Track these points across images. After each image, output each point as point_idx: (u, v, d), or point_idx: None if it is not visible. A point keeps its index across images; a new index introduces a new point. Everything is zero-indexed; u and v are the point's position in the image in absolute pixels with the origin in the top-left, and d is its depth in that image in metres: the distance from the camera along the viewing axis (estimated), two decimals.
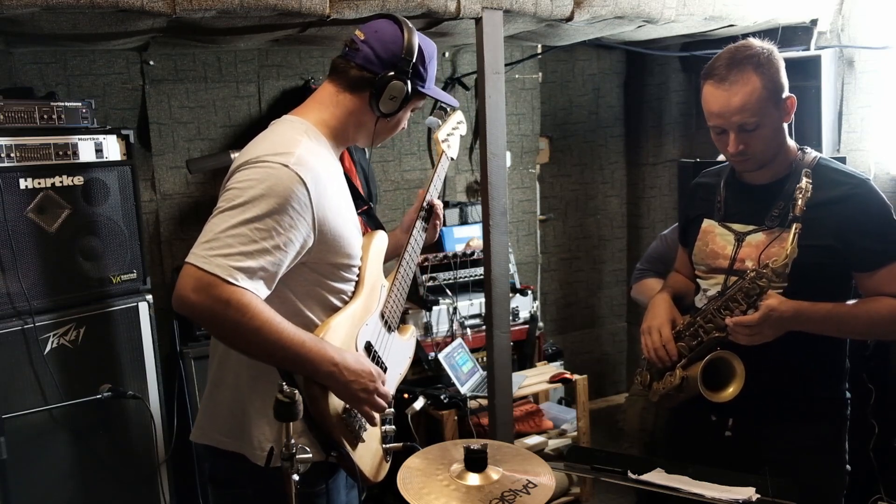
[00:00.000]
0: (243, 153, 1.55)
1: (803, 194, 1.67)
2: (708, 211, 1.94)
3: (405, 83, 1.62)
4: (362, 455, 1.65)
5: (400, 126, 1.76)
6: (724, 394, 1.78)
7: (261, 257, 1.43)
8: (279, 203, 1.44)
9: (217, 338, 1.57)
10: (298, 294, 1.58)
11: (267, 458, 1.55)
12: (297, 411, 1.36)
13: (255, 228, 1.42)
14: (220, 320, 1.42)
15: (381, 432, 1.76)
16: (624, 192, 4.69)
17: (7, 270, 2.41)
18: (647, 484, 1.60)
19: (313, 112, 1.66)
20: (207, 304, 1.39)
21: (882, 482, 2.80)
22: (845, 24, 3.30)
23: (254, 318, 1.42)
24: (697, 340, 1.84)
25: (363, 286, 1.69)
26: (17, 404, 2.40)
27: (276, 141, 1.55)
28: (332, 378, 1.52)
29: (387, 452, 1.78)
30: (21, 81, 3.03)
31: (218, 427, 1.64)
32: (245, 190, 1.45)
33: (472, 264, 3.72)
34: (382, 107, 1.64)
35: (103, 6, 2.05)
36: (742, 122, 1.72)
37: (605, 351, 4.77)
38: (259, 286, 1.44)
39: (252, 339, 1.44)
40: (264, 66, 3.51)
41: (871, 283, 1.76)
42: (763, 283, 1.70)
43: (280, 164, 1.47)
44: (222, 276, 1.39)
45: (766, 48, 1.74)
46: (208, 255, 1.40)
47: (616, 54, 4.48)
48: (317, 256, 1.57)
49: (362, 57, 1.63)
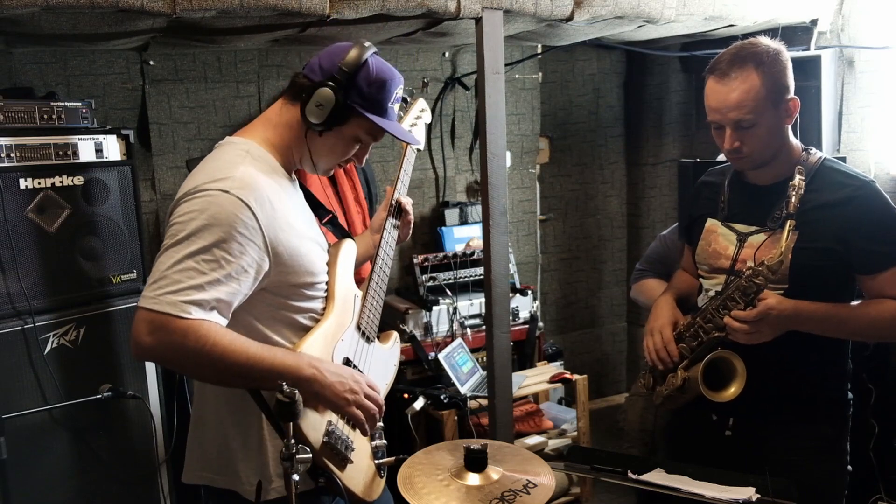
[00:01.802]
0: (184, 184, 1.50)
1: (796, 191, 1.66)
2: (711, 210, 1.94)
3: (336, 94, 1.52)
4: (352, 476, 1.60)
5: (344, 151, 1.63)
6: (726, 394, 1.78)
7: (212, 289, 1.39)
8: (224, 231, 1.40)
9: (186, 374, 1.55)
10: (264, 320, 1.54)
11: (256, 492, 1.53)
12: (298, 411, 1.34)
13: (202, 260, 1.38)
14: (181, 356, 1.38)
15: (371, 448, 1.71)
16: (624, 192, 4.69)
17: (7, 270, 2.40)
18: (647, 484, 1.60)
19: (258, 130, 1.62)
20: (165, 342, 1.36)
21: (882, 482, 2.80)
22: (845, 24, 3.30)
23: (216, 345, 1.38)
24: (698, 341, 1.84)
25: (334, 300, 1.63)
26: (17, 404, 2.39)
27: (214, 167, 1.50)
28: (314, 382, 1.48)
29: (379, 468, 1.73)
30: (21, 81, 3.03)
31: (207, 466, 1.61)
32: (187, 223, 1.40)
33: (472, 264, 3.72)
34: (309, 114, 1.54)
35: (103, 6, 2.05)
36: (738, 119, 1.71)
37: (605, 351, 4.77)
38: (213, 316, 1.40)
39: (220, 365, 1.40)
40: (264, 66, 3.51)
41: (874, 286, 1.75)
42: (759, 280, 1.69)
43: (220, 190, 1.42)
44: (173, 314, 1.35)
45: (773, 48, 1.74)
46: (157, 296, 1.36)
47: (616, 54, 4.48)
48: (276, 279, 1.52)
49: (308, 67, 1.59)
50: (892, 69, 3.17)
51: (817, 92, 3.12)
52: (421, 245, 3.99)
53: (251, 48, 3.36)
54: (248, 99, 3.49)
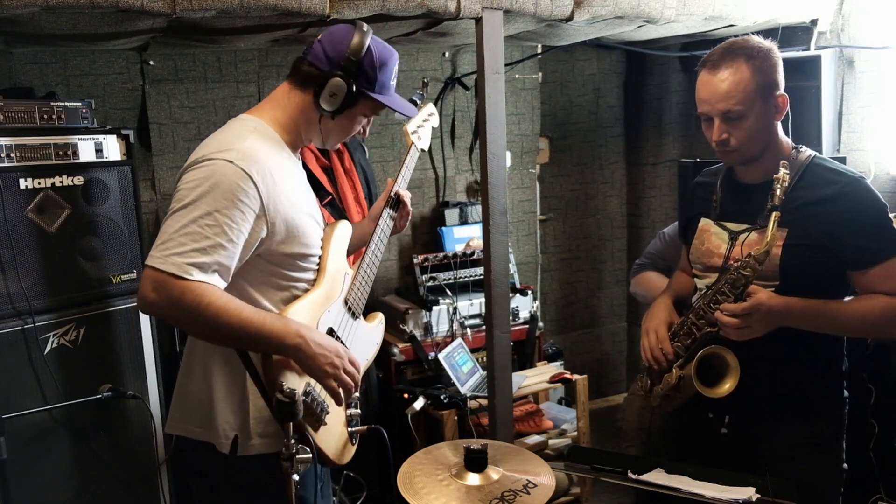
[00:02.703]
0: (193, 153, 1.60)
1: (780, 184, 1.68)
2: (705, 210, 1.95)
3: (347, 82, 1.64)
4: (324, 438, 1.67)
5: (352, 129, 1.76)
6: (721, 389, 1.78)
7: (214, 252, 1.48)
8: (227, 198, 1.49)
9: (183, 329, 1.64)
10: (255, 285, 1.62)
11: (231, 446, 1.60)
12: (298, 411, 1.38)
13: (205, 225, 1.48)
14: (179, 313, 1.48)
15: (346, 416, 1.78)
16: (624, 192, 4.69)
17: (7, 270, 2.40)
18: (647, 484, 1.60)
19: (266, 110, 1.71)
20: (165, 300, 1.46)
21: (882, 482, 2.80)
22: (845, 24, 3.30)
23: (210, 305, 1.47)
24: (692, 338, 1.84)
25: (324, 274, 1.72)
26: (17, 404, 2.39)
27: (223, 139, 1.60)
28: (299, 350, 1.56)
29: (352, 436, 1.81)
30: (21, 81, 3.03)
31: (188, 418, 1.68)
32: (193, 189, 1.50)
33: (472, 264, 3.72)
34: (323, 103, 1.65)
35: (103, 6, 2.05)
36: (727, 110, 1.73)
37: (605, 351, 4.77)
38: (214, 279, 1.49)
39: (213, 324, 1.48)
40: (264, 66, 3.51)
41: (865, 281, 1.76)
42: (747, 272, 1.70)
43: (224, 160, 1.52)
44: (177, 274, 1.45)
45: (763, 44, 1.76)
46: (163, 256, 1.46)
47: (616, 54, 4.48)
48: (272, 248, 1.60)
49: (313, 55, 1.68)
50: (892, 69, 3.18)
51: (817, 92, 3.13)
52: (421, 245, 3.99)
53: (251, 48, 3.36)
54: (248, 99, 3.49)
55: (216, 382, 1.63)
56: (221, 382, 1.63)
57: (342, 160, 3.49)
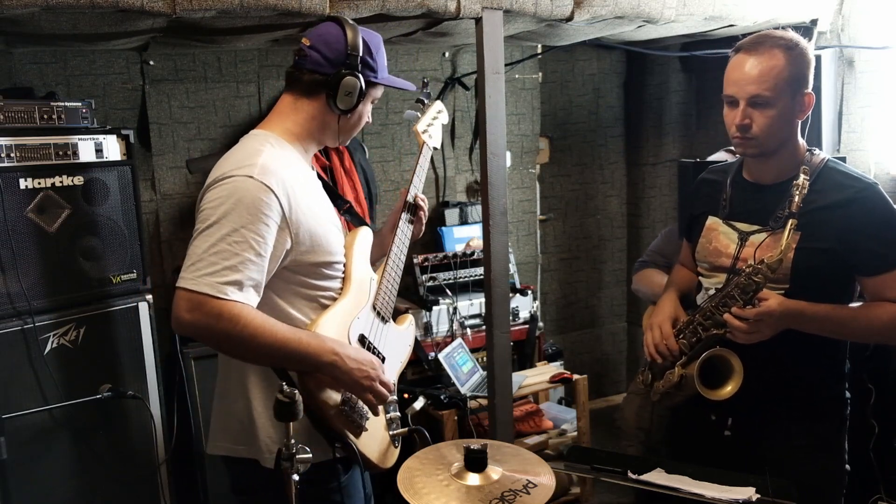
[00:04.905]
0: (212, 172, 1.62)
1: (800, 191, 1.67)
2: (713, 208, 1.94)
3: (357, 78, 1.68)
4: (367, 443, 1.71)
5: (363, 120, 1.81)
6: (722, 392, 1.78)
7: (244, 268, 1.50)
8: (251, 213, 1.51)
9: (218, 350, 1.63)
10: (286, 297, 1.65)
11: (276, 459, 1.58)
12: (297, 411, 1.39)
13: (233, 242, 1.49)
14: (215, 334, 1.50)
15: (385, 420, 1.81)
16: (624, 192, 4.69)
17: (7, 270, 2.40)
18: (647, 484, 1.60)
19: (276, 123, 1.73)
20: (202, 321, 1.48)
21: (882, 482, 2.80)
22: (845, 24, 3.30)
23: (247, 326, 1.49)
24: (697, 338, 1.84)
25: (351, 282, 1.74)
26: (17, 404, 2.39)
27: (240, 156, 1.61)
28: (334, 368, 1.58)
29: (394, 439, 1.84)
30: (21, 81, 3.03)
31: (229, 436, 1.69)
32: (217, 208, 1.52)
33: (472, 264, 3.73)
34: (340, 104, 1.69)
35: (103, 6, 2.05)
36: (755, 94, 1.72)
37: (605, 351, 4.77)
38: (249, 295, 1.52)
39: (250, 345, 1.51)
40: (264, 66, 3.51)
41: (874, 287, 1.76)
42: (759, 278, 1.69)
43: (245, 175, 1.54)
44: (212, 294, 1.47)
45: (802, 40, 1.77)
46: (196, 277, 1.48)
47: (616, 54, 4.48)
48: (297, 259, 1.62)
49: (311, 62, 1.69)
50: (892, 69, 3.17)
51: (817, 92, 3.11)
52: (421, 245, 3.99)
53: (251, 48, 3.36)
54: (248, 99, 3.49)
55: (254, 398, 1.65)
56: (259, 398, 1.64)
57: (342, 160, 3.49)
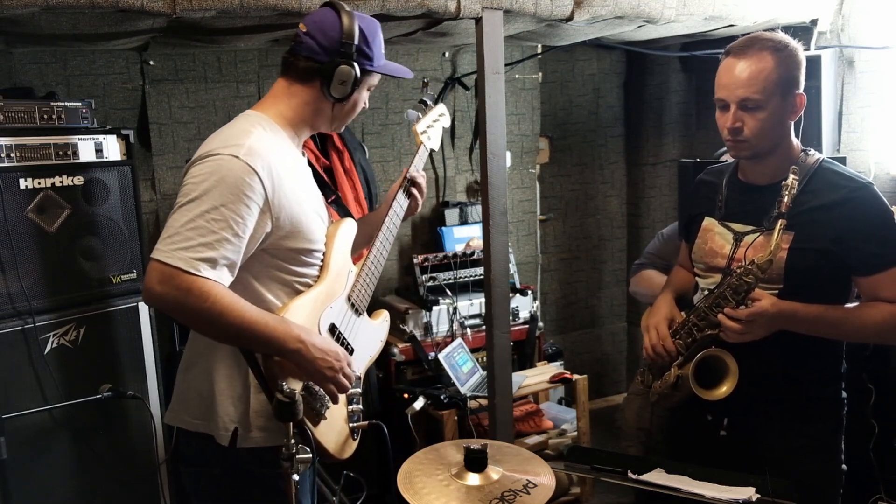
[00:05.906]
0: (200, 148, 1.61)
1: (789, 191, 1.67)
2: (709, 209, 1.94)
3: (352, 66, 1.67)
4: (325, 432, 1.70)
5: (359, 107, 1.80)
6: (718, 392, 1.78)
7: (220, 247, 1.49)
8: (232, 193, 1.50)
9: (186, 325, 1.64)
10: (261, 280, 1.64)
11: (231, 438, 1.62)
12: (298, 411, 1.39)
13: (211, 219, 1.49)
14: (184, 308, 1.49)
15: (347, 412, 1.80)
16: (624, 192, 4.69)
17: (7, 270, 2.40)
18: (647, 484, 1.60)
19: (270, 106, 1.72)
20: (171, 294, 1.47)
21: (882, 482, 2.80)
22: (845, 24, 3.30)
23: (216, 304, 1.48)
24: (692, 338, 1.85)
25: (328, 271, 1.74)
26: (17, 404, 2.39)
27: (229, 134, 1.61)
28: (298, 355, 1.57)
29: (353, 431, 1.82)
30: (21, 81, 3.03)
31: (187, 409, 1.70)
32: (199, 184, 1.51)
33: (472, 264, 3.72)
34: (335, 92, 1.69)
35: (103, 6, 2.05)
36: (745, 97, 1.72)
37: (605, 351, 4.77)
38: (222, 274, 1.51)
39: (216, 323, 1.50)
40: (264, 66, 3.51)
41: (869, 287, 1.76)
42: (750, 279, 1.70)
43: (230, 155, 1.53)
44: (184, 269, 1.46)
45: (791, 41, 1.77)
46: (170, 250, 1.47)
47: (616, 54, 4.48)
48: (276, 242, 1.62)
49: (307, 48, 1.68)
50: (892, 69, 3.17)
51: (817, 92, 3.12)
52: (421, 245, 3.99)
53: (251, 48, 3.36)
54: (248, 99, 3.49)
55: (218, 375, 1.65)
56: (224, 375, 1.65)
57: (342, 160, 3.49)
